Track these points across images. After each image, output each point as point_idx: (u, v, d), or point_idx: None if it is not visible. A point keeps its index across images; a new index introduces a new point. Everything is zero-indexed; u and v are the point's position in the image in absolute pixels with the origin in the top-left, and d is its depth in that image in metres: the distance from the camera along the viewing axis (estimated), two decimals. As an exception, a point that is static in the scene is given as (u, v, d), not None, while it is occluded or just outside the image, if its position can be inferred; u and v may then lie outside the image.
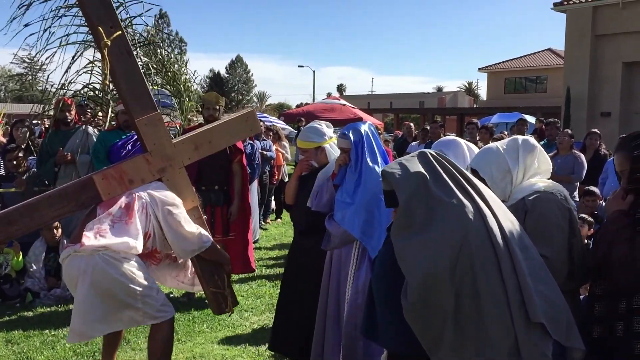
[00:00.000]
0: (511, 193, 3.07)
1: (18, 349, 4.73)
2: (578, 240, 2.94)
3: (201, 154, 4.06)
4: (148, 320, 3.58)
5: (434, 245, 2.35)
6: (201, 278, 3.98)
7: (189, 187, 3.95)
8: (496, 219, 2.45)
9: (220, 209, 6.09)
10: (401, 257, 2.42)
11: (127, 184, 3.67)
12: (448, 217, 2.39)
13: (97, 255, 3.41)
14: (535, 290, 2.38)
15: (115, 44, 3.63)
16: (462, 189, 2.49)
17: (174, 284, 4.18)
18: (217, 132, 4.11)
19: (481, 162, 3.14)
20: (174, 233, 3.66)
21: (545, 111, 27.00)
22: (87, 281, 3.40)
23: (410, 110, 45.59)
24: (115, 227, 3.49)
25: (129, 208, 3.57)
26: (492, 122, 19.43)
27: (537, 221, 2.88)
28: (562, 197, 2.96)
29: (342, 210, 3.82)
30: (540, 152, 3.15)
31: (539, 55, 43.04)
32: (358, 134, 3.91)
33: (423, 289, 2.34)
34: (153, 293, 3.56)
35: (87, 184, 3.63)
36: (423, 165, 2.55)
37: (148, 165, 3.77)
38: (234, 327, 5.46)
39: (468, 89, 72.04)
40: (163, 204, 3.65)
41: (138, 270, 3.51)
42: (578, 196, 7.68)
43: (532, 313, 2.33)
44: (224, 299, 4.05)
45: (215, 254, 3.93)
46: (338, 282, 3.85)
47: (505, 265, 2.35)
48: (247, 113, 4.30)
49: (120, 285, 3.42)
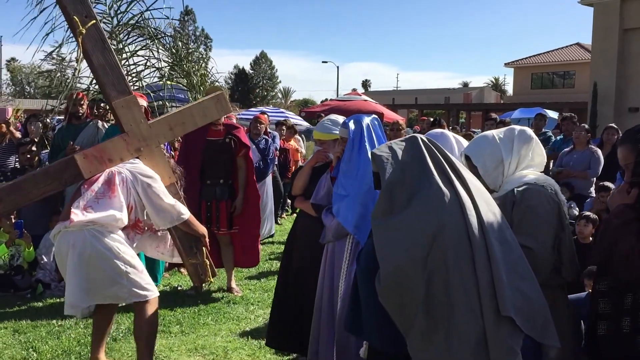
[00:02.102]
0: (502, 183, 3.02)
1: (24, 339, 4.81)
2: (567, 235, 2.89)
3: (175, 134, 4.50)
4: (132, 298, 3.73)
5: (408, 232, 2.36)
6: (180, 250, 4.23)
7: (165, 164, 4.22)
8: (477, 210, 2.42)
9: (225, 203, 6.11)
10: (377, 241, 2.43)
11: (107, 163, 3.94)
12: (425, 206, 2.38)
13: (85, 230, 3.61)
14: (509, 284, 2.35)
15: (90, 32, 3.88)
16: (446, 178, 2.47)
17: (154, 254, 4.38)
18: (190, 113, 4.45)
19: (475, 150, 3.10)
20: (152, 205, 3.89)
21: (572, 107, 26.56)
22: (76, 254, 3.59)
23: (435, 106, 45.20)
24: (100, 202, 3.71)
25: (110, 183, 3.79)
26: (514, 117, 19.21)
27: (524, 213, 2.84)
28: (552, 191, 2.91)
29: (337, 202, 3.79)
30: (537, 144, 3.10)
31: (567, 49, 42.35)
32: (358, 124, 3.86)
33: (394, 274, 2.36)
34: (138, 271, 3.73)
35: (70, 163, 3.90)
36: (411, 150, 2.53)
37: (126, 144, 4.06)
38: (239, 319, 5.48)
39: (495, 84, 71.25)
40: (141, 178, 3.89)
41: (125, 247, 3.71)
42: (594, 191, 7.54)
43: (502, 307, 2.30)
44: (203, 270, 4.31)
45: (193, 226, 4.16)
46: (332, 277, 3.83)
47: (479, 258, 2.32)
48: (217, 95, 4.57)
49: (107, 260, 3.61)
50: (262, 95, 68.82)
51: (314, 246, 4.00)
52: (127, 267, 3.66)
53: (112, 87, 4.04)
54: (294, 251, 4.30)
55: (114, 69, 4.06)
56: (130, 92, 4.14)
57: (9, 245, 6.17)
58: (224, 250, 6.34)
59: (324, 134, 4.24)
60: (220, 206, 6.11)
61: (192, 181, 6.08)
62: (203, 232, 4.25)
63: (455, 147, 3.64)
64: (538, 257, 2.72)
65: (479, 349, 2.28)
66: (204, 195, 6.10)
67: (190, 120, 4.42)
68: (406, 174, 2.45)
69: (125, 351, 4.63)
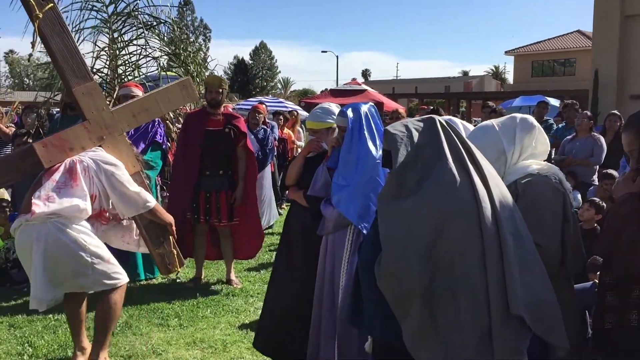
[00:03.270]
0: (504, 175, 2.92)
1: (20, 333, 4.74)
2: (570, 224, 2.79)
3: (138, 122, 4.33)
4: (97, 287, 3.71)
5: (414, 218, 2.25)
6: (146, 239, 4.16)
7: (130, 152, 4.12)
8: (491, 201, 2.31)
9: (224, 193, 6.03)
10: (381, 221, 2.33)
11: (68, 152, 3.84)
12: (435, 192, 2.27)
13: (49, 222, 3.53)
14: (521, 281, 2.25)
15: (47, 16, 3.74)
16: (461, 165, 2.35)
17: (120, 244, 4.27)
18: (154, 100, 4.32)
19: (475, 141, 2.97)
20: (117, 193, 3.81)
21: (574, 94, 26.34)
22: (40, 248, 3.51)
23: (435, 95, 44.97)
24: (62, 192, 3.62)
25: (72, 172, 3.70)
26: (515, 105, 19.06)
27: (529, 207, 2.72)
28: (557, 180, 2.81)
29: (337, 193, 3.71)
30: (539, 132, 2.98)
31: (568, 37, 42.12)
32: (357, 113, 3.77)
33: (395, 260, 2.25)
34: (104, 260, 3.68)
35: (28, 152, 3.81)
36: (427, 132, 2.42)
37: (87, 133, 3.95)
38: (238, 312, 5.41)
39: (495, 73, 70.91)
40: (104, 166, 3.81)
41: (89, 237, 3.65)
42: (597, 179, 7.45)
43: (513, 305, 2.20)
44: (170, 260, 4.24)
45: (159, 215, 4.08)
46: (332, 268, 3.74)
47: (491, 253, 2.21)
48: (183, 81, 4.48)
49: (73, 253, 3.56)
50: (261, 86, 68.55)
51: (308, 238, 3.92)
52: (93, 257, 3.62)
53: (71, 73, 3.91)
54: (288, 244, 4.19)
55: (74, 55, 3.93)
56: (91, 79, 4.03)
57: (5, 238, 6.09)
58: (224, 242, 6.27)
59: (317, 123, 4.14)
60: (220, 197, 6.03)
61: (190, 172, 6.02)
62: (170, 221, 4.16)
63: (463, 132, 3.53)
64: (547, 252, 2.62)
65: (481, 348, 2.18)
66: (204, 186, 6.01)
67: (155, 107, 4.31)
68: (419, 157, 2.34)
69: (122, 345, 4.56)
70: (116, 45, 7.26)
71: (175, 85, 4.43)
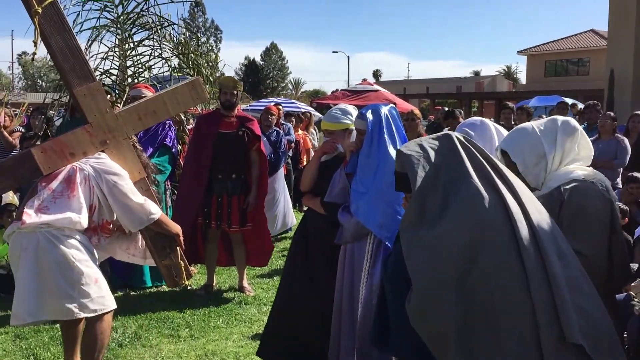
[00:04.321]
0: (545, 180, 2.71)
1: (25, 345, 4.56)
2: (619, 236, 2.57)
3: (145, 125, 4.03)
4: (84, 313, 3.39)
5: (441, 247, 2.01)
6: (152, 251, 3.89)
7: (134, 158, 3.85)
8: (527, 219, 2.08)
9: (237, 198, 5.83)
10: (407, 255, 2.10)
11: (68, 157, 3.58)
12: (462, 215, 2.03)
13: (39, 232, 3.29)
14: (573, 304, 2.02)
15: (47, 12, 3.46)
16: (488, 182, 2.12)
17: (124, 257, 4.01)
18: (162, 101, 4.02)
19: (513, 144, 2.78)
20: (120, 205, 3.54)
21: (588, 94, 26.03)
22: (27, 259, 3.28)
23: (447, 95, 44.68)
24: (57, 203, 3.37)
25: (70, 181, 3.45)
26: (530, 105, 18.72)
27: (574, 214, 2.52)
28: (604, 188, 2.59)
29: (356, 200, 3.49)
30: (582, 136, 2.78)
31: (581, 36, 41.71)
32: (377, 115, 3.55)
33: (425, 298, 2.02)
34: (92, 282, 3.38)
35: (26, 157, 3.54)
36: (446, 150, 2.21)
37: (90, 137, 3.68)
38: (251, 322, 5.21)
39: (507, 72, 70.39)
40: (106, 175, 3.53)
41: (80, 253, 3.37)
42: (621, 183, 7.20)
43: (569, 333, 1.96)
44: (178, 272, 3.95)
45: (165, 226, 3.80)
46: (352, 280, 3.53)
47: (534, 277, 1.98)
48: (192, 81, 4.18)
49: (60, 268, 3.29)
50: (272, 87, 68.45)
51: (325, 247, 3.72)
52: (81, 276, 3.32)
53: (73, 73, 3.64)
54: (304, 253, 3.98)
55: (76, 53, 3.64)
56: (94, 79, 3.75)
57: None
58: (236, 248, 6.07)
59: (333, 124, 3.92)
60: (232, 202, 5.82)
61: (200, 175, 5.83)
62: (177, 231, 3.88)
63: (495, 136, 3.32)
64: (593, 264, 2.40)
65: None
66: (215, 190, 5.82)
67: (162, 109, 3.99)
68: (440, 179, 2.12)
69: (131, 357, 4.39)
70: (126, 45, 7.08)
71: (184, 85, 4.16)
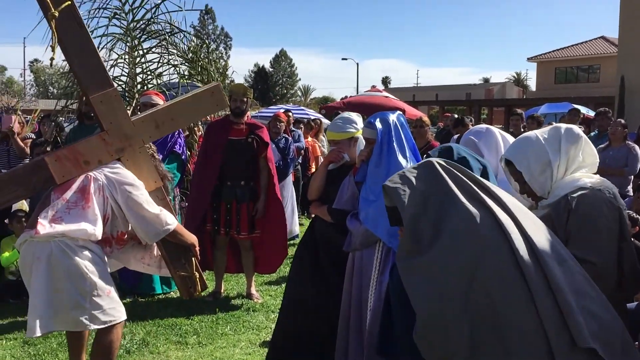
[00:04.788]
0: (551, 189, 2.69)
1: (34, 351, 4.58)
2: (629, 244, 2.55)
3: (162, 132, 3.90)
4: (95, 324, 3.32)
5: (438, 271, 2.01)
6: (167, 261, 3.80)
7: (150, 167, 3.74)
8: (521, 230, 2.08)
9: (246, 205, 5.83)
10: (406, 284, 2.10)
11: (83, 166, 3.46)
12: (456, 235, 2.03)
13: (52, 242, 3.22)
14: (580, 308, 2.00)
15: (64, 15, 3.34)
16: (476, 199, 2.13)
17: (139, 266, 3.93)
18: (180, 108, 3.89)
19: (518, 153, 2.77)
20: (135, 215, 3.46)
21: (598, 101, 25.91)
22: (40, 269, 3.21)
23: (456, 102, 44.61)
24: (72, 213, 3.30)
25: (84, 191, 3.36)
26: (540, 112, 18.63)
27: (582, 223, 2.50)
28: (611, 195, 2.57)
29: (365, 208, 3.49)
30: (586, 143, 2.76)
31: (591, 43, 41.52)
32: (386, 124, 3.55)
33: (430, 325, 2.01)
34: (104, 293, 3.32)
35: (39, 166, 3.43)
36: (429, 176, 2.22)
37: (105, 145, 3.56)
38: (259, 329, 5.20)
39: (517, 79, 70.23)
40: (121, 185, 3.44)
41: (93, 265, 3.30)
42: (632, 191, 7.14)
43: (579, 337, 1.94)
44: (193, 283, 3.85)
45: (181, 237, 3.71)
46: (360, 287, 3.52)
47: (536, 286, 1.97)
48: (212, 87, 4.04)
49: (72, 279, 3.22)
50: (281, 94, 68.62)
51: (334, 255, 3.71)
52: (93, 288, 3.26)
53: (90, 79, 3.54)
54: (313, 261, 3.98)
55: (92, 59, 3.54)
56: (111, 85, 3.64)
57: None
58: (244, 255, 6.07)
59: (338, 134, 3.93)
60: (241, 209, 5.83)
61: (209, 181, 5.84)
62: (192, 242, 3.79)
63: (500, 143, 3.31)
64: (602, 273, 2.38)
65: None
66: (224, 196, 5.83)
67: (181, 116, 3.90)
68: (428, 205, 2.12)
69: (139, 364, 4.39)
70: (136, 52, 7.13)
71: (203, 91, 4.02)
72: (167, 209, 3.70)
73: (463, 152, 2.84)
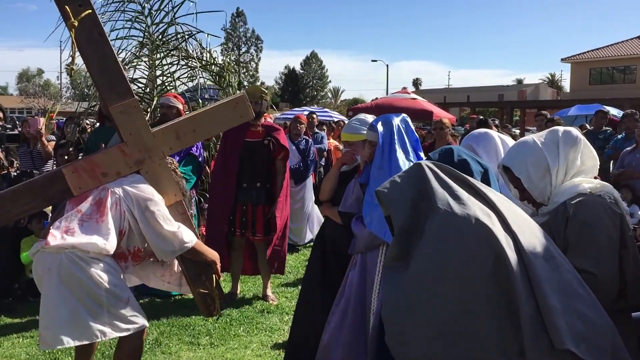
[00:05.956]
0: (551, 195, 2.62)
1: (49, 349, 4.64)
2: (629, 251, 2.45)
3: (184, 144, 3.78)
4: (117, 333, 3.26)
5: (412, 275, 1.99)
6: (187, 278, 3.69)
7: (171, 180, 3.63)
8: (509, 229, 2.02)
9: (262, 207, 5.86)
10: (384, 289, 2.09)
11: (101, 178, 3.38)
12: (430, 241, 2.01)
13: (63, 253, 3.15)
14: (565, 309, 1.95)
15: (84, 24, 3.30)
16: (460, 201, 2.07)
17: (159, 284, 3.81)
18: (202, 119, 3.76)
19: (515, 159, 2.69)
20: (151, 232, 3.35)
21: (634, 103, 25.27)
22: (52, 281, 3.14)
23: (488, 104, 44.09)
24: (85, 226, 3.21)
25: (100, 204, 3.28)
26: (570, 114, 18.35)
27: (581, 231, 2.42)
28: (612, 200, 2.48)
29: (370, 212, 3.46)
30: (585, 146, 2.67)
31: (628, 43, 40.66)
32: (388, 126, 3.52)
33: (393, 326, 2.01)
34: (122, 302, 3.25)
35: (56, 177, 3.36)
36: (417, 180, 2.18)
37: (124, 156, 3.47)
38: (272, 331, 5.21)
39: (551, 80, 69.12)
40: (139, 200, 3.34)
41: (107, 274, 3.21)
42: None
43: (557, 340, 1.89)
44: (212, 301, 3.72)
45: (200, 254, 3.57)
46: (363, 291, 3.50)
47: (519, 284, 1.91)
48: (236, 98, 3.89)
49: (86, 290, 3.15)
50: (312, 95, 68.74)
51: (342, 257, 3.69)
52: (110, 298, 3.19)
53: (109, 89, 3.46)
54: (321, 263, 3.97)
55: (113, 68, 3.47)
56: (131, 95, 3.56)
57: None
58: (260, 257, 6.09)
59: (352, 135, 3.91)
60: (257, 211, 5.86)
61: (229, 184, 5.88)
62: (214, 259, 3.64)
63: (500, 147, 3.24)
64: (602, 282, 2.31)
65: None
66: (240, 198, 5.86)
67: (203, 128, 3.76)
68: (416, 210, 2.09)
69: (150, 364, 4.43)
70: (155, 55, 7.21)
71: (227, 102, 3.87)
72: (187, 224, 3.59)
73: (464, 155, 2.80)
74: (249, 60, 67.21)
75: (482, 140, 3.26)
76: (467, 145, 3.24)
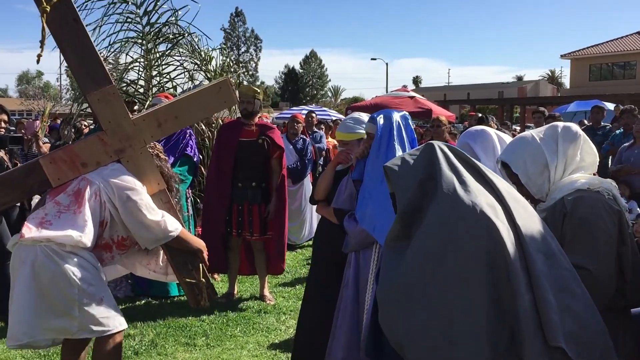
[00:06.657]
0: (549, 191, 2.58)
1: (44, 351, 4.57)
2: (628, 248, 2.41)
3: (165, 131, 3.66)
4: (82, 333, 3.11)
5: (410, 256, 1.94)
6: (173, 267, 3.60)
7: (153, 168, 3.53)
8: (512, 220, 1.97)
9: (257, 207, 5.81)
10: (382, 267, 2.04)
11: (80, 168, 3.28)
12: (430, 223, 1.96)
13: (38, 246, 3.04)
14: (560, 306, 1.90)
15: (57, 9, 3.17)
16: (467, 187, 2.02)
17: (145, 272, 3.72)
18: (184, 105, 3.64)
19: (514, 155, 2.65)
20: (134, 221, 3.25)
21: (634, 98, 25.19)
22: (24, 274, 3.03)
23: (488, 101, 43.99)
24: (62, 217, 3.12)
25: (78, 195, 3.18)
26: (569, 110, 18.27)
27: (578, 227, 2.38)
28: (610, 197, 2.44)
29: (362, 208, 3.42)
30: (585, 142, 2.63)
31: (627, 39, 40.61)
32: (388, 121, 3.48)
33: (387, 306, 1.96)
34: (94, 301, 3.07)
35: (34, 168, 3.28)
36: (426, 161, 2.12)
37: (104, 145, 3.37)
38: (269, 331, 5.17)
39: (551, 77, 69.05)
40: (120, 189, 3.24)
41: (82, 271, 3.06)
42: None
43: (550, 336, 1.85)
44: (200, 290, 3.64)
45: (186, 242, 3.48)
46: (356, 289, 3.45)
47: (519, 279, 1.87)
48: (219, 82, 3.77)
49: (58, 286, 3.02)
50: (312, 94, 68.71)
51: (337, 256, 3.65)
52: (83, 296, 3.02)
53: (87, 76, 3.33)
54: (316, 262, 3.94)
55: (89, 54, 3.32)
56: (109, 82, 3.41)
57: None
58: (257, 257, 6.05)
59: (347, 134, 3.86)
60: (253, 210, 5.82)
61: (224, 185, 5.84)
62: (199, 247, 3.56)
63: (497, 145, 3.19)
64: (598, 280, 2.27)
65: None
66: (236, 198, 5.82)
67: (185, 114, 3.60)
68: (421, 189, 2.04)
69: (146, 366, 4.39)
70: (150, 56, 7.17)
71: (211, 87, 3.74)
72: (172, 213, 3.52)
73: None
74: (249, 60, 67.17)
75: (479, 137, 3.20)
76: (464, 142, 3.19)
